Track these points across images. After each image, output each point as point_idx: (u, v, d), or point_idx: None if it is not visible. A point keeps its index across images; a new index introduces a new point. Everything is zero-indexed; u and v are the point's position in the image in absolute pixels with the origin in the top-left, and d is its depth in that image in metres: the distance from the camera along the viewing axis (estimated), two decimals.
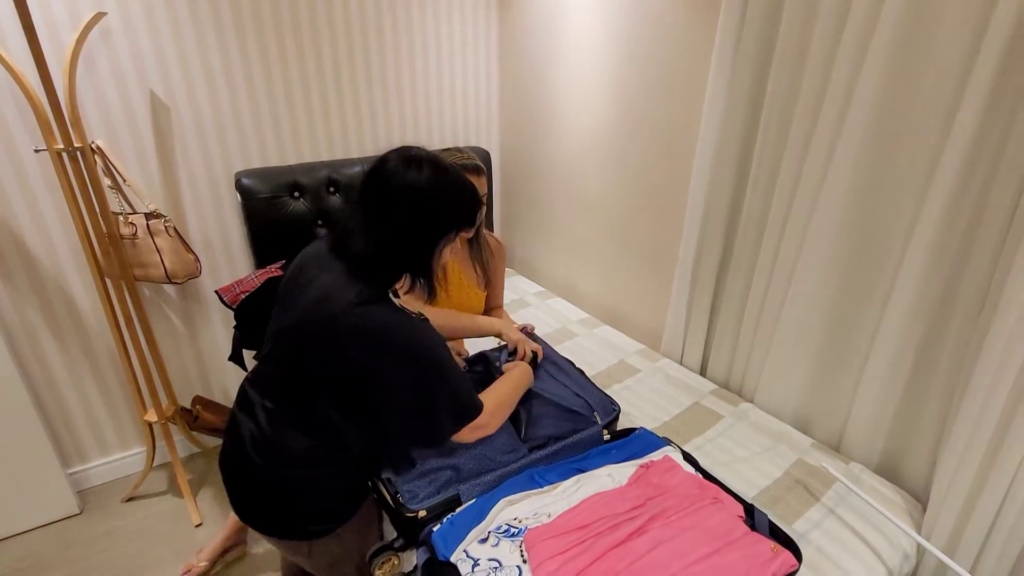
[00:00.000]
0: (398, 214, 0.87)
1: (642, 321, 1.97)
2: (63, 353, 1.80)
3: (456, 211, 0.93)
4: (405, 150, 0.91)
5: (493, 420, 1.04)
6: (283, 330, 0.95)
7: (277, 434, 0.93)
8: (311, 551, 1.00)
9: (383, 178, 0.88)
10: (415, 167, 0.87)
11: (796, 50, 1.27)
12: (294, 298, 0.93)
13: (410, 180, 0.86)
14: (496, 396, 1.07)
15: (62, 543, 1.78)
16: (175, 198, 1.84)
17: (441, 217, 0.91)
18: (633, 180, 1.86)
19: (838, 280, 1.33)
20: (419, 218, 0.88)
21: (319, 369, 0.89)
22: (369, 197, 0.89)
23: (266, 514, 0.97)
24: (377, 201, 0.88)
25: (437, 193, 0.89)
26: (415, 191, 0.87)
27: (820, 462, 1.29)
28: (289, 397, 0.93)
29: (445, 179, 0.90)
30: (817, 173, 1.27)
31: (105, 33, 1.58)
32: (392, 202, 0.87)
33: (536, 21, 2.09)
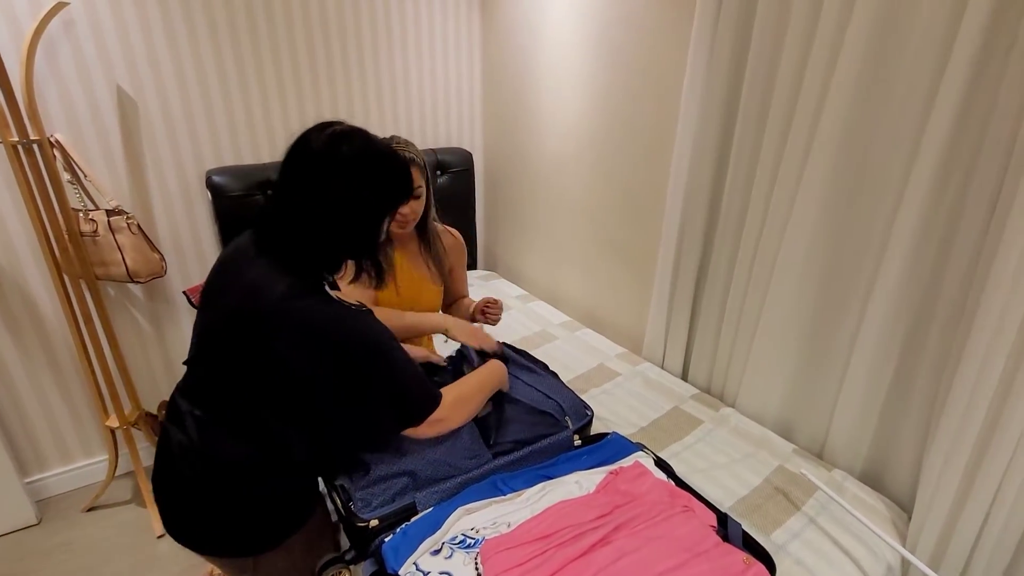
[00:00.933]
0: (332, 193, 0.79)
1: (624, 324, 1.93)
2: (21, 355, 1.73)
3: (393, 184, 0.86)
4: (326, 125, 0.82)
5: (454, 414, 0.97)
6: (208, 331, 0.88)
7: (208, 444, 0.86)
8: (256, 567, 0.93)
9: (310, 157, 0.79)
10: (345, 141, 0.79)
11: (770, 51, 1.25)
12: (218, 296, 0.86)
13: (342, 155, 0.79)
14: (458, 390, 1.01)
15: (16, 555, 1.70)
16: (143, 196, 1.78)
17: (380, 191, 0.83)
18: (613, 183, 1.83)
19: (817, 283, 1.29)
20: (356, 194, 0.80)
21: (250, 371, 0.82)
22: (296, 180, 0.80)
23: (202, 531, 0.89)
24: (306, 182, 0.79)
25: (372, 166, 0.81)
26: (348, 166, 0.79)
27: (801, 469, 1.24)
28: (219, 403, 0.86)
29: (377, 151, 0.82)
30: (793, 175, 1.24)
31: (68, 24, 1.53)
32: (324, 181, 0.79)
33: (518, 20, 2.07)
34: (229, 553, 0.91)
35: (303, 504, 0.96)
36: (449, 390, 0.99)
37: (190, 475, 0.87)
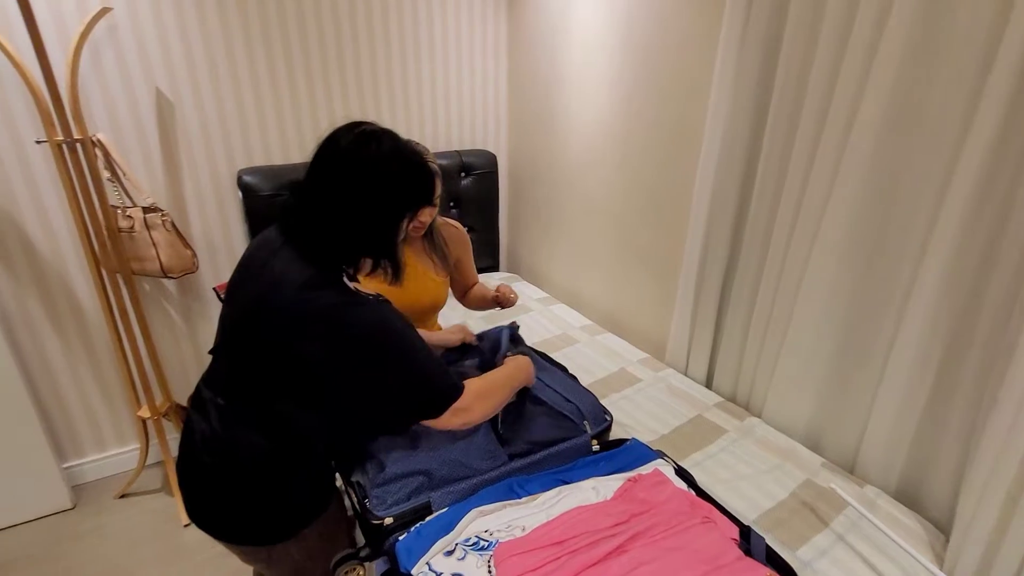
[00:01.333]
0: (356, 191, 0.81)
1: (646, 329, 1.89)
2: (63, 346, 1.81)
3: (417, 187, 0.88)
4: (356, 125, 0.85)
5: (477, 404, 0.95)
6: (232, 321, 0.90)
7: (229, 433, 0.88)
8: (271, 557, 0.95)
9: (338, 155, 0.82)
10: (373, 141, 0.82)
11: (803, 49, 1.21)
12: (243, 287, 0.88)
13: (369, 154, 0.81)
14: (483, 382, 0.99)
15: (51, 537, 1.77)
16: (178, 194, 1.84)
17: (403, 192, 0.85)
18: (637, 185, 1.80)
19: (851, 288, 1.23)
20: (380, 194, 0.82)
21: (271, 360, 0.83)
22: (322, 176, 0.83)
23: (220, 518, 0.91)
24: (332, 179, 0.82)
25: (398, 168, 0.83)
26: (374, 166, 0.81)
27: (830, 483, 1.19)
28: (241, 392, 0.88)
29: (404, 153, 0.85)
30: (826, 176, 1.20)
31: (112, 28, 1.60)
32: (350, 179, 0.81)
33: (544, 21, 2.06)
34: (246, 541, 0.92)
35: (318, 497, 0.97)
36: (473, 382, 0.97)
37: (210, 463, 0.89)
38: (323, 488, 0.98)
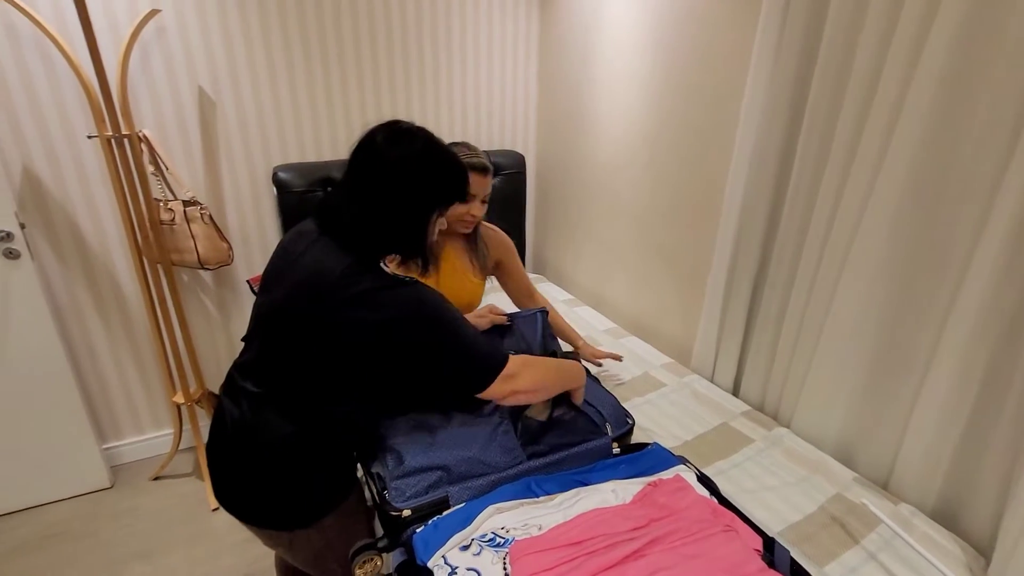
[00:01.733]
0: (388, 186, 0.85)
1: (672, 334, 1.86)
2: (106, 332, 1.90)
3: (447, 184, 0.90)
4: (395, 123, 0.89)
5: (525, 372, 0.96)
6: (270, 308, 0.93)
7: (258, 418, 0.90)
8: (292, 543, 0.97)
9: (374, 151, 0.86)
10: (407, 139, 0.86)
11: (843, 51, 1.17)
12: (281, 276, 0.91)
13: (402, 152, 0.85)
14: (528, 358, 1.00)
15: (90, 514, 1.86)
16: (216, 189, 1.91)
17: (432, 190, 0.88)
18: (666, 186, 1.77)
19: (889, 295, 1.18)
20: (410, 190, 0.86)
21: (308, 346, 0.85)
22: (359, 171, 0.86)
23: (245, 502, 0.94)
24: (367, 174, 0.86)
25: (428, 165, 0.86)
26: (406, 163, 0.85)
27: (862, 499, 1.14)
28: (272, 380, 0.90)
29: (436, 152, 0.88)
30: (866, 176, 1.15)
31: (160, 30, 1.68)
32: (383, 175, 0.85)
33: (575, 21, 2.06)
34: (268, 525, 0.95)
35: (339, 487, 0.98)
36: (517, 356, 0.98)
37: (238, 447, 0.92)
38: (344, 478, 1.00)
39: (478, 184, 1.27)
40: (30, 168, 1.64)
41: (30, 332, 1.67)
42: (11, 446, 1.76)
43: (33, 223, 1.69)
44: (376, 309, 0.83)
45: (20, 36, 1.53)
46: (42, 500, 1.87)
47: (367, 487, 1.09)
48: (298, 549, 0.98)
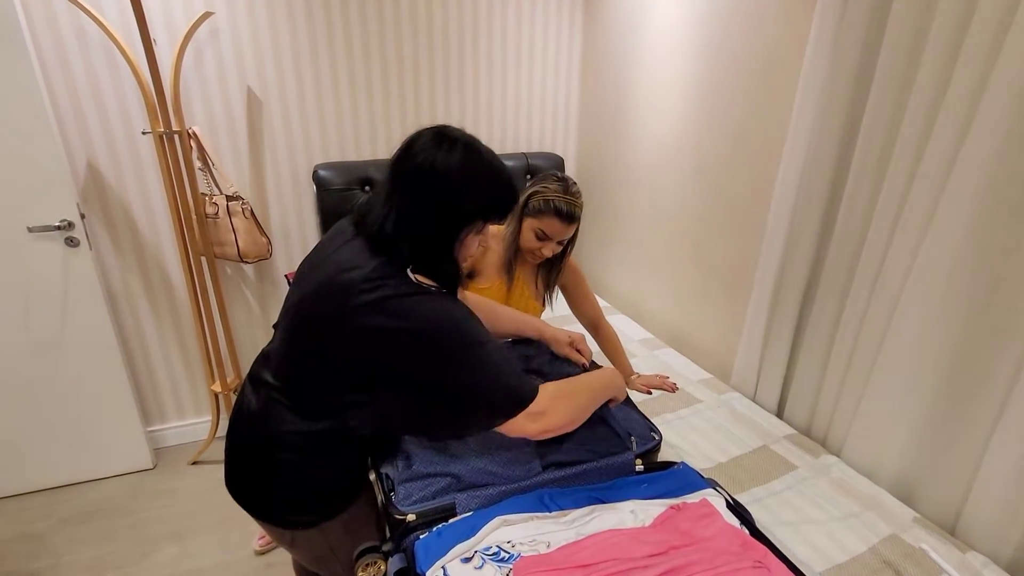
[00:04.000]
0: (420, 193, 0.81)
1: (711, 348, 1.75)
2: (155, 319, 1.99)
3: (483, 199, 0.83)
4: (441, 128, 0.84)
5: (557, 405, 0.87)
6: (296, 302, 0.91)
7: (270, 410, 0.89)
8: (294, 541, 0.95)
9: (412, 155, 0.81)
10: (446, 147, 0.80)
11: (910, 42, 1.06)
12: (312, 271, 0.89)
13: (438, 160, 0.80)
14: (559, 385, 0.91)
15: (131, 493, 1.94)
16: (260, 185, 1.97)
17: (465, 203, 0.82)
18: (710, 193, 1.67)
19: (960, 315, 1.05)
20: (441, 200, 0.81)
21: (326, 346, 0.82)
22: (396, 173, 0.83)
23: (252, 494, 0.93)
24: (402, 178, 0.82)
25: (464, 177, 0.81)
26: (441, 172, 0.80)
27: (922, 543, 1.01)
28: (288, 373, 0.89)
29: (476, 163, 0.82)
30: (935, 181, 1.03)
31: (214, 32, 1.75)
32: (416, 180, 0.81)
33: (621, 21, 1.99)
34: (269, 520, 0.94)
35: (346, 491, 0.96)
36: (548, 385, 0.89)
37: (248, 435, 0.91)
38: (352, 482, 0.97)
39: (556, 228, 1.25)
40: (93, 162, 1.75)
41: (86, 316, 1.77)
42: (64, 424, 1.87)
43: (93, 213, 1.79)
44: (394, 316, 0.78)
45: (89, 39, 1.63)
46: (90, 476, 1.98)
47: (376, 487, 1.07)
48: (300, 548, 0.97)
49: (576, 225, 1.27)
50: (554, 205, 1.23)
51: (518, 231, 1.31)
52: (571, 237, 1.34)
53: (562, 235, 1.27)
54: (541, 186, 1.27)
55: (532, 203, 1.26)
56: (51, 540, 1.74)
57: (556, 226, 1.25)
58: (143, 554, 1.70)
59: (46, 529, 1.77)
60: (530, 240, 1.29)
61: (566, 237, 1.29)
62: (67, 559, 1.67)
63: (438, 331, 0.80)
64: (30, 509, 1.85)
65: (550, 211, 1.23)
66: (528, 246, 1.30)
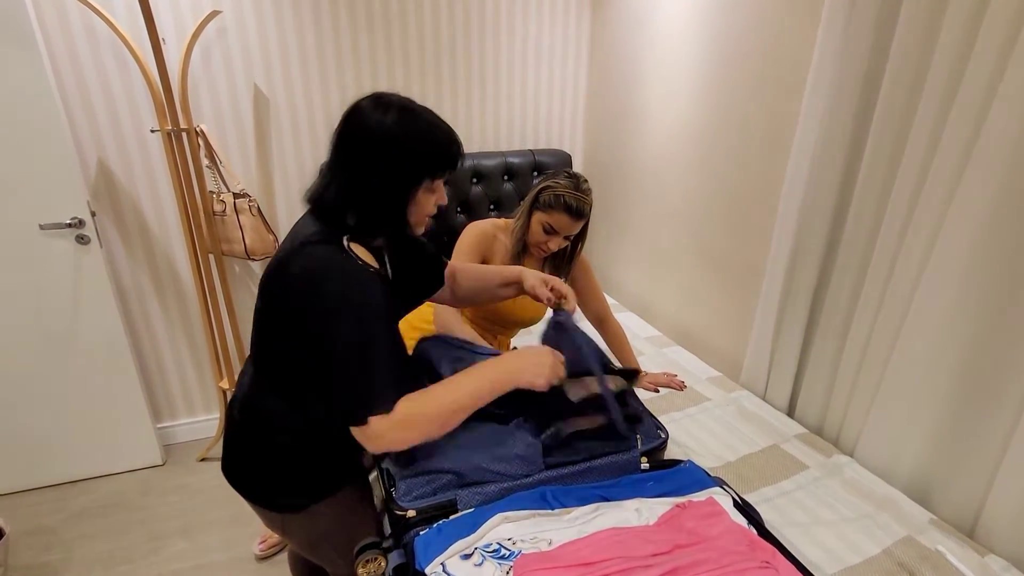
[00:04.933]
0: (360, 159, 0.81)
1: (720, 345, 1.72)
2: (164, 317, 2.01)
3: (423, 155, 0.83)
4: (377, 95, 0.84)
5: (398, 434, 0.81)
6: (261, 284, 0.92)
7: (255, 392, 0.91)
8: (284, 526, 0.96)
9: (350, 120, 0.82)
10: (382, 110, 0.81)
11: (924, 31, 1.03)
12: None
13: (374, 122, 0.80)
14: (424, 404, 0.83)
15: (141, 489, 1.96)
16: (267, 182, 1.98)
17: (405, 162, 0.82)
18: (718, 189, 1.65)
19: (977, 310, 1.01)
20: (381, 163, 0.81)
21: (276, 317, 0.84)
22: (336, 143, 0.84)
23: (243, 476, 0.94)
24: (342, 144, 0.83)
25: (401, 137, 0.81)
26: (377, 134, 0.80)
27: (938, 545, 0.97)
28: (260, 352, 0.90)
29: (412, 123, 0.82)
30: (950, 173, 1.00)
31: (221, 30, 1.76)
32: (354, 145, 0.82)
33: (630, 15, 1.97)
34: (261, 504, 0.95)
35: (331, 476, 0.95)
36: (412, 401, 0.82)
37: (238, 420, 0.93)
38: (338, 466, 0.96)
39: (565, 224, 1.26)
40: (103, 160, 1.76)
41: (96, 313, 1.79)
42: (75, 420, 1.89)
43: (103, 211, 1.81)
44: (313, 283, 0.78)
45: (98, 39, 1.65)
46: (101, 472, 2.00)
47: (377, 483, 1.06)
48: (291, 534, 0.98)
49: (584, 222, 1.29)
50: (564, 201, 1.25)
51: (527, 224, 1.31)
52: (580, 234, 1.34)
53: (569, 231, 1.29)
54: (552, 181, 1.28)
55: (543, 197, 1.28)
56: (63, 534, 1.76)
57: (565, 221, 1.26)
58: (153, 549, 1.71)
59: (58, 523, 1.80)
60: (538, 234, 1.30)
61: (573, 233, 1.30)
62: (79, 552, 1.69)
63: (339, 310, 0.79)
64: (43, 503, 1.87)
65: (560, 206, 1.25)
66: (535, 239, 1.32)
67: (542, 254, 1.34)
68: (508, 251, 1.37)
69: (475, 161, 2.12)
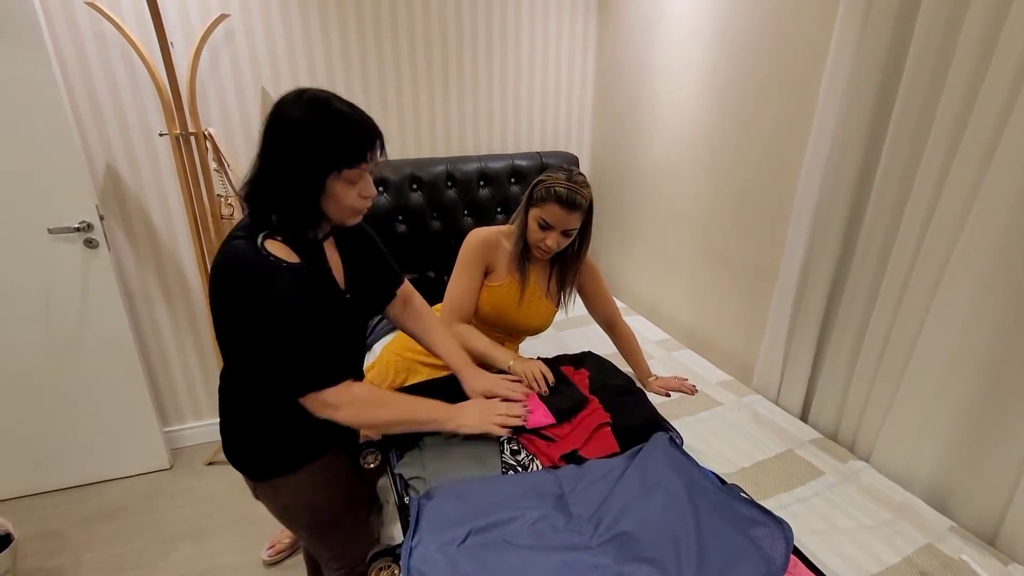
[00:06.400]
0: (274, 149, 0.84)
1: (732, 349, 1.70)
2: (172, 321, 2.00)
3: (332, 144, 0.83)
4: (302, 88, 0.87)
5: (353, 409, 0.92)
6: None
7: (224, 372, 0.98)
8: (256, 492, 1.03)
9: (271, 114, 0.85)
10: (297, 104, 0.83)
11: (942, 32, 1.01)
12: None
13: (286, 114, 0.83)
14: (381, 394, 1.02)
15: (149, 492, 1.96)
16: None
17: (314, 151, 0.83)
18: (729, 190, 1.63)
19: (998, 315, 0.99)
20: (292, 152, 0.83)
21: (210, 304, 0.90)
22: (261, 137, 0.87)
23: (226, 446, 1.01)
24: (263, 140, 0.86)
25: (309, 126, 0.82)
26: (287, 124, 0.83)
27: (961, 554, 0.96)
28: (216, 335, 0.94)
29: (321, 112, 0.83)
30: (971, 176, 0.98)
31: (229, 34, 1.76)
32: (269, 138, 0.85)
33: (637, 16, 1.96)
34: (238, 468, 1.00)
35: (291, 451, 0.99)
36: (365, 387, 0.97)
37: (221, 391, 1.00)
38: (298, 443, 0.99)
39: (557, 216, 1.22)
40: (112, 164, 1.76)
41: (104, 317, 1.79)
42: (83, 423, 1.89)
43: (111, 215, 1.81)
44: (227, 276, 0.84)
45: (108, 43, 1.65)
46: (109, 476, 2.00)
47: (392, 487, 1.05)
48: (262, 501, 1.03)
49: (579, 214, 1.23)
50: (555, 191, 1.20)
51: (525, 223, 1.28)
52: (582, 233, 1.30)
53: (564, 224, 1.23)
54: (545, 175, 1.25)
55: (536, 192, 1.24)
56: (72, 538, 1.75)
57: (557, 213, 1.21)
58: (161, 553, 1.70)
59: (67, 527, 1.79)
60: (535, 231, 1.26)
61: (569, 227, 1.24)
62: (87, 556, 1.69)
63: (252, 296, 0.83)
64: (51, 507, 1.87)
65: (551, 198, 1.21)
66: (533, 238, 1.28)
67: (543, 254, 1.30)
68: (510, 255, 1.33)
69: (482, 164, 2.11)
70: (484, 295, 1.33)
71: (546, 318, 1.41)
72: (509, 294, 1.33)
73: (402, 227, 2.06)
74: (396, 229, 2.05)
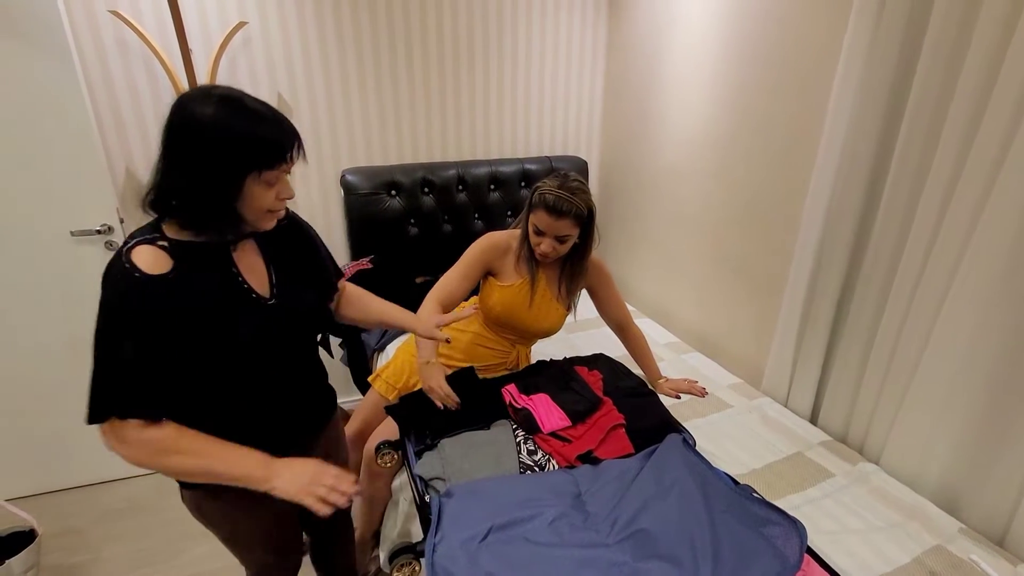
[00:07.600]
0: (181, 150, 0.78)
1: (741, 352, 1.72)
2: None
3: (245, 145, 0.78)
4: (207, 86, 0.82)
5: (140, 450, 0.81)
6: None
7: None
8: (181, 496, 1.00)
9: (173, 113, 0.79)
10: (204, 102, 0.77)
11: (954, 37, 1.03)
12: None
13: (194, 114, 0.77)
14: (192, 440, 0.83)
15: (161, 492, 1.98)
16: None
17: (226, 151, 0.78)
18: (739, 194, 1.65)
19: (1009, 319, 1.01)
20: (201, 153, 0.77)
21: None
22: (163, 136, 0.80)
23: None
24: (166, 139, 0.79)
25: (220, 126, 0.77)
26: (195, 125, 0.77)
27: (971, 555, 0.97)
28: None
29: (233, 111, 0.78)
30: (982, 180, 1.00)
31: (247, 41, 1.79)
32: (175, 138, 0.78)
33: (647, 20, 1.99)
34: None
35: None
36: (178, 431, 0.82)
37: None
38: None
39: (546, 222, 1.22)
40: (131, 168, 1.80)
41: None
42: None
43: (131, 218, 1.84)
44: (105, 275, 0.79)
45: (129, 50, 1.69)
46: (124, 474, 2.03)
47: (412, 486, 1.08)
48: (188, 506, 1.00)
49: (568, 221, 1.22)
50: (543, 199, 1.21)
51: (526, 228, 1.30)
52: (583, 238, 1.30)
53: (554, 230, 1.23)
54: (542, 181, 1.26)
55: (532, 198, 1.25)
56: (90, 535, 1.78)
57: (546, 219, 1.21)
58: (174, 552, 1.73)
59: (86, 524, 1.82)
60: (532, 236, 1.28)
61: (561, 233, 1.24)
62: (105, 554, 1.72)
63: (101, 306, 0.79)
64: (71, 504, 1.90)
65: (540, 204, 1.22)
66: (532, 243, 1.29)
67: (542, 258, 1.30)
68: (517, 256, 1.35)
69: (493, 168, 2.14)
70: (495, 295, 1.36)
71: (557, 321, 1.43)
72: (520, 296, 1.35)
73: (414, 230, 2.08)
74: (408, 232, 2.07)
